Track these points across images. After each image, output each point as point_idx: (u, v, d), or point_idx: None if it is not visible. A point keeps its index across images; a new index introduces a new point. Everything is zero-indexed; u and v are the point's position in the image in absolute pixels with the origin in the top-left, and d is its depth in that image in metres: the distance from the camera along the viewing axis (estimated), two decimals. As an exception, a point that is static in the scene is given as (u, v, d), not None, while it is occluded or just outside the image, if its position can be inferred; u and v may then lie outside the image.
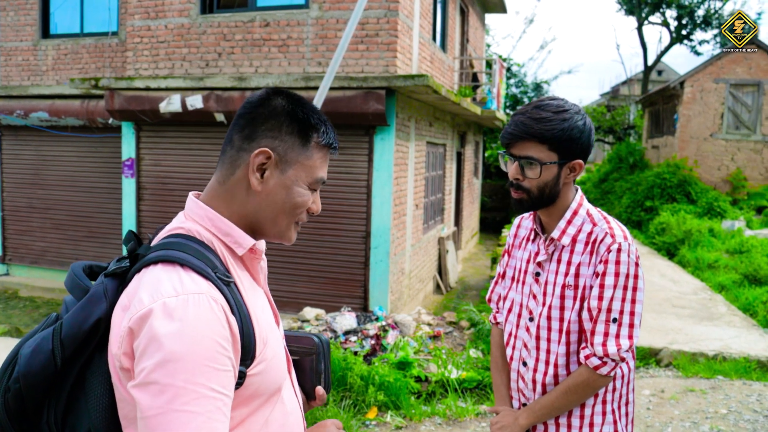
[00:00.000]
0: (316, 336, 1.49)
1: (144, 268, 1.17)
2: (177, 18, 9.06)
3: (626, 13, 29.38)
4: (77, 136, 10.82)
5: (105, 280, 1.19)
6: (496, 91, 14.43)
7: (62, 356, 1.13)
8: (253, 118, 1.28)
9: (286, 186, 1.29)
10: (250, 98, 1.32)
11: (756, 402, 5.40)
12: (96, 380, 1.15)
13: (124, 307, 1.13)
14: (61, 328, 1.14)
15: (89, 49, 10.71)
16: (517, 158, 1.87)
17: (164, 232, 1.29)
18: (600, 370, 1.83)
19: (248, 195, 1.28)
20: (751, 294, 8.81)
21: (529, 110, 1.86)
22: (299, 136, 1.29)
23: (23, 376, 1.13)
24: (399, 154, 8.61)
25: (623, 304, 1.82)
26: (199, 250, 1.20)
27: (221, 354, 1.09)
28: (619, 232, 1.87)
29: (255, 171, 1.26)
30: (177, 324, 1.06)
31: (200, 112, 8.60)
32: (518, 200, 1.92)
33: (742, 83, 16.74)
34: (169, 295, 1.09)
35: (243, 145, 1.28)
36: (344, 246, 8.60)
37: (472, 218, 17.86)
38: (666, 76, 39.25)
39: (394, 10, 8.12)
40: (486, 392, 5.57)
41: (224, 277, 1.19)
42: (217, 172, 1.32)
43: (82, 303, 1.17)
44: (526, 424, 1.95)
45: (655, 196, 15.74)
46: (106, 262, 1.34)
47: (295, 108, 1.29)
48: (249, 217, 1.30)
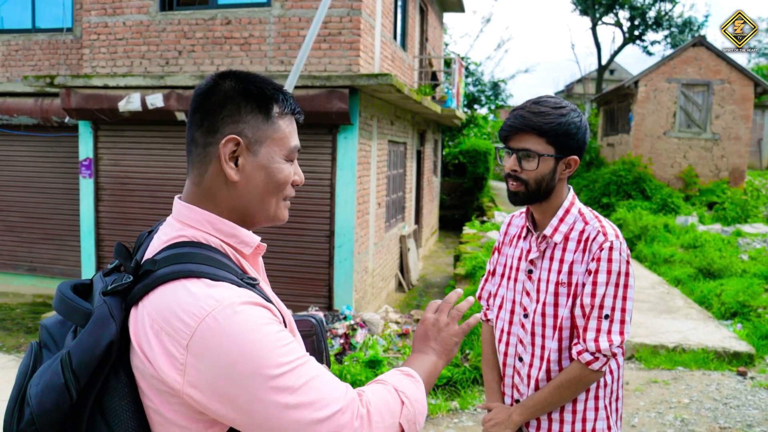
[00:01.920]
0: (312, 317, 1.50)
1: (160, 286, 1.10)
2: (135, 15, 8.90)
3: (581, 14, 29.97)
4: (31, 135, 10.53)
5: (107, 300, 1.12)
6: (456, 89, 14.55)
7: (77, 388, 1.06)
8: (207, 109, 1.22)
9: (264, 166, 1.24)
10: (198, 90, 1.26)
11: (715, 391, 5.57)
12: (117, 405, 1.09)
13: (157, 332, 1.07)
14: (69, 357, 1.07)
15: (42, 46, 10.43)
16: (515, 150, 1.91)
17: (160, 242, 1.22)
18: (592, 366, 1.86)
19: (228, 188, 1.23)
20: (706, 287, 9.08)
21: (528, 105, 1.91)
22: (260, 112, 1.23)
23: (38, 416, 1.05)
24: (362, 153, 8.61)
25: (615, 301, 1.86)
26: (216, 258, 1.16)
27: (281, 333, 1.10)
28: (611, 230, 1.91)
29: (228, 161, 1.21)
30: (235, 332, 1.04)
31: (161, 111, 8.46)
32: (515, 192, 1.95)
33: (693, 83, 17.20)
34: (213, 307, 1.05)
35: (207, 139, 1.22)
36: (308, 245, 8.57)
37: (432, 216, 17.97)
38: (618, 75, 40.07)
39: (356, 9, 8.12)
40: (456, 389, 5.61)
41: (250, 280, 1.17)
42: (190, 175, 1.26)
43: (89, 328, 1.09)
44: (519, 420, 1.98)
45: (612, 193, 16.08)
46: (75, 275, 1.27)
47: (247, 86, 1.23)
48: (238, 209, 1.25)
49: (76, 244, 10.14)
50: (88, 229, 9.36)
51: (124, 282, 1.13)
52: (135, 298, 1.12)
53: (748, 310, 7.95)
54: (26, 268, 10.80)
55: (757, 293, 8.38)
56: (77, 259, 10.10)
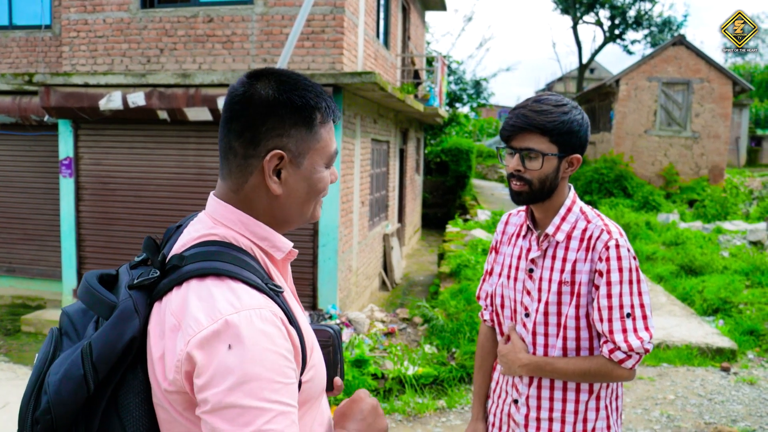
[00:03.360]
0: (330, 327, 1.46)
1: (185, 282, 1.09)
2: (116, 12, 8.79)
3: (562, 13, 30.15)
4: (9, 134, 10.35)
5: (132, 294, 1.11)
6: (438, 88, 14.55)
7: (95, 380, 1.05)
8: (248, 120, 1.16)
9: (306, 177, 1.22)
10: (234, 95, 1.19)
11: (700, 386, 5.62)
12: (131, 401, 1.09)
13: (174, 328, 1.06)
14: (90, 349, 1.06)
15: (20, 43, 10.27)
16: (518, 150, 1.88)
17: (190, 238, 1.19)
18: (625, 364, 1.84)
19: (270, 199, 1.20)
20: (688, 284, 9.16)
21: (530, 104, 1.88)
22: (304, 125, 1.19)
23: (55, 405, 1.05)
24: (346, 152, 8.58)
25: (632, 297, 1.84)
26: (244, 260, 1.14)
27: (287, 367, 1.05)
28: (615, 228, 1.90)
29: (271, 175, 1.18)
30: (245, 343, 1.01)
31: (142, 110, 8.36)
32: (518, 192, 1.92)
33: (673, 82, 17.37)
34: (229, 312, 1.03)
35: (248, 151, 1.17)
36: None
37: (415, 214, 17.97)
38: (598, 74, 40.34)
39: (340, 7, 8.08)
40: (443, 387, 5.61)
41: (275, 287, 1.14)
42: (227, 180, 1.22)
43: (113, 321, 1.08)
44: (526, 362, 1.95)
45: (594, 191, 16.19)
46: (111, 269, 1.24)
47: (290, 95, 1.17)
48: (277, 218, 1.23)
49: (56, 245, 9.99)
50: (68, 229, 9.24)
51: (151, 276, 1.12)
52: (160, 293, 1.11)
53: (729, 306, 8.04)
54: (5, 269, 10.62)
55: (738, 289, 8.48)
56: (57, 259, 9.96)
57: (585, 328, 1.92)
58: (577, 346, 1.92)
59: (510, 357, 1.99)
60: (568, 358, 1.91)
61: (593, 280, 1.88)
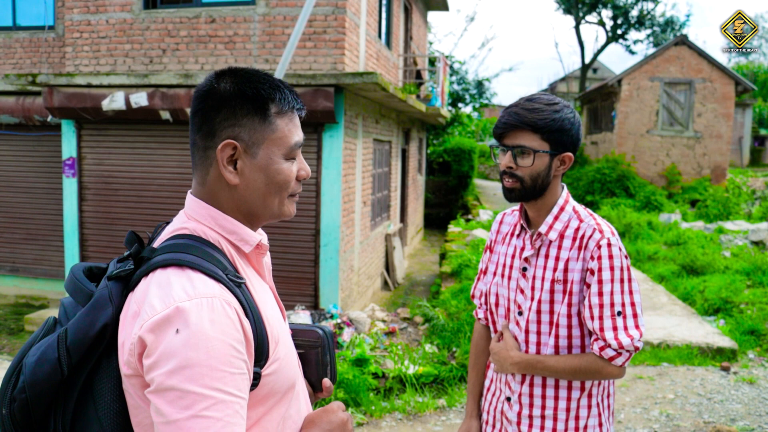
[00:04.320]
0: (320, 328, 1.49)
1: (151, 272, 1.14)
2: (119, 13, 8.83)
3: (564, 12, 30.13)
4: (13, 134, 10.41)
5: (109, 284, 1.17)
6: (440, 88, 14.58)
7: (69, 364, 1.10)
8: (205, 113, 1.23)
9: (263, 168, 1.24)
10: (197, 91, 1.26)
11: (700, 386, 5.63)
12: (105, 386, 1.13)
13: (135, 314, 1.11)
14: (66, 334, 1.11)
15: (23, 44, 10.32)
16: (510, 147, 1.91)
17: (167, 232, 1.25)
18: (615, 361, 1.86)
19: (230, 190, 1.24)
20: (689, 284, 9.17)
21: (522, 102, 1.92)
22: (257, 114, 1.23)
23: (29, 385, 1.10)
24: (347, 152, 8.61)
25: (623, 296, 1.86)
26: (207, 252, 1.18)
27: (236, 357, 1.08)
28: (606, 228, 1.92)
29: (226, 165, 1.22)
30: (191, 329, 1.05)
31: (145, 110, 8.40)
32: (510, 189, 1.94)
33: (675, 82, 17.37)
34: (181, 299, 1.07)
35: (206, 143, 1.23)
36: (294, 244, 8.55)
37: (417, 214, 17.99)
38: (601, 74, 40.29)
39: (341, 8, 8.11)
40: (444, 386, 5.63)
41: (235, 278, 1.17)
42: (195, 175, 1.28)
43: (87, 308, 1.14)
44: (517, 360, 1.97)
45: (596, 191, 16.19)
46: (104, 262, 1.30)
47: (242, 86, 1.22)
48: (241, 209, 1.26)
49: (59, 245, 10.05)
50: (71, 229, 9.28)
51: (127, 268, 1.17)
52: (133, 284, 1.16)
53: (730, 306, 8.04)
54: (9, 269, 10.68)
55: (740, 289, 8.48)
56: (61, 259, 10.01)
57: (577, 327, 1.94)
58: (569, 344, 1.95)
59: (502, 355, 2.01)
60: (558, 356, 1.94)
61: (585, 278, 1.90)
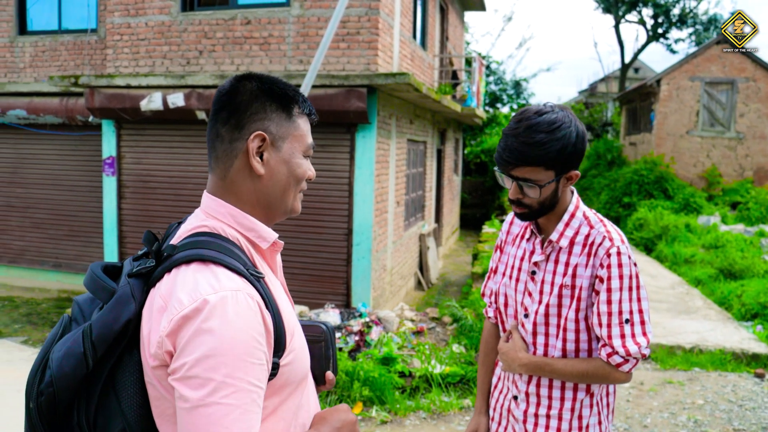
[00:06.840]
0: (323, 324, 1.57)
1: (175, 268, 1.21)
2: (157, 15, 9.03)
3: (603, 12, 29.72)
4: (56, 134, 10.74)
5: (130, 281, 1.23)
6: (476, 88, 14.53)
7: (94, 357, 1.16)
8: (234, 107, 1.32)
9: (286, 161, 1.35)
10: (221, 90, 1.35)
11: (731, 392, 5.54)
12: (127, 379, 1.19)
13: (161, 308, 1.17)
14: (90, 329, 1.18)
15: (68, 47, 10.62)
16: (516, 179, 1.89)
17: (184, 230, 1.31)
18: (622, 368, 1.89)
19: (253, 181, 1.33)
20: (726, 288, 9.00)
21: (521, 132, 1.83)
22: (283, 111, 1.34)
23: (57, 379, 1.16)
24: (380, 152, 8.66)
25: (631, 304, 1.88)
26: (227, 248, 1.25)
27: (257, 349, 1.15)
28: (617, 235, 1.93)
29: (255, 155, 1.31)
30: (218, 321, 1.11)
31: (182, 111, 8.58)
32: (521, 214, 1.96)
33: (716, 81, 17.01)
34: (208, 293, 1.14)
35: (234, 135, 1.32)
36: (326, 243, 8.64)
37: (453, 215, 17.96)
38: (643, 74, 39.64)
39: (375, 9, 8.16)
40: (470, 387, 5.65)
41: (256, 273, 1.24)
42: (215, 170, 1.35)
43: (111, 304, 1.20)
44: (525, 361, 2.00)
45: (633, 193, 15.95)
46: (120, 261, 1.37)
47: (270, 86, 1.35)
48: (261, 202, 1.35)
49: (100, 241, 10.33)
50: (111, 226, 9.53)
51: (148, 265, 1.24)
52: (155, 280, 1.23)
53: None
54: (52, 264, 11.02)
55: (779, 294, 8.30)
56: (101, 255, 10.28)
57: (584, 331, 1.96)
58: (577, 347, 1.97)
59: (510, 355, 2.04)
60: (566, 360, 1.96)
61: (594, 285, 1.92)
